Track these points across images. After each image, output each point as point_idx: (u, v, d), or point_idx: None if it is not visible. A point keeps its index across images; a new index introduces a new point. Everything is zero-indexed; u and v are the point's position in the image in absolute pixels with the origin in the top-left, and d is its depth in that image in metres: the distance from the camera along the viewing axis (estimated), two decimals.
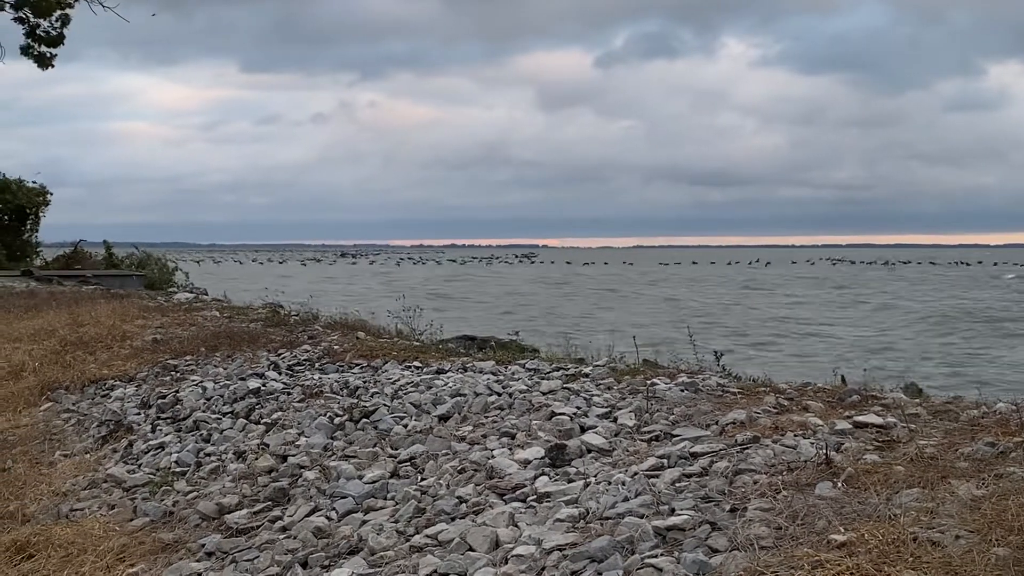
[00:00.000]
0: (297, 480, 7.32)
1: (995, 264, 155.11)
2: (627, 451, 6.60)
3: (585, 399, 7.92)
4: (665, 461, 6.11)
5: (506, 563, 5.13)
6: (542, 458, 6.61)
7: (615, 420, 7.27)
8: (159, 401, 10.54)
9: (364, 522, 6.24)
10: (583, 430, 7.13)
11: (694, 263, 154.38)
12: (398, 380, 9.49)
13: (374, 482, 6.84)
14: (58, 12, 36.76)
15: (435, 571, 5.25)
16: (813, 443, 5.95)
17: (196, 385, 10.84)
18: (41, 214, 42.49)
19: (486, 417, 7.89)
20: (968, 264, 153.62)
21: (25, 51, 37.23)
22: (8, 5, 37.04)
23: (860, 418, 6.42)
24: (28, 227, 42.09)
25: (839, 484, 5.22)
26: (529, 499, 5.99)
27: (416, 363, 10.36)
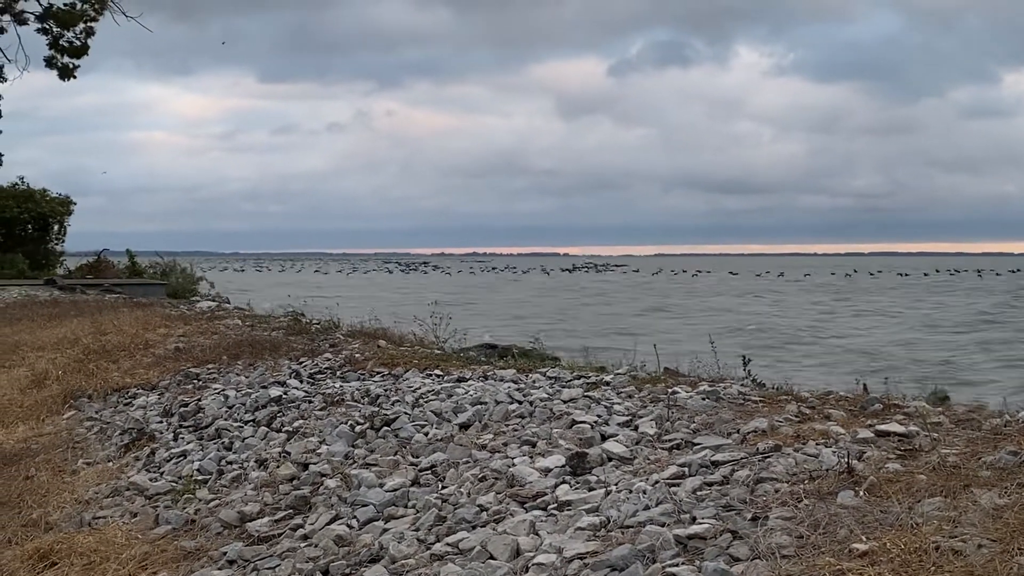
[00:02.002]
0: (318, 488, 7.33)
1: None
2: (648, 459, 6.58)
3: (606, 407, 7.91)
4: (686, 469, 6.10)
5: (527, 572, 5.12)
6: (563, 466, 6.60)
7: (636, 428, 7.26)
8: (181, 409, 10.57)
9: (385, 530, 6.25)
10: (604, 438, 7.12)
11: (835, 273, 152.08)
12: (419, 388, 9.50)
13: (395, 490, 6.85)
14: (83, 24, 37.07)
15: None
16: (835, 452, 5.92)
17: (218, 393, 10.88)
18: (65, 223, 42.80)
19: (507, 425, 7.89)
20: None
21: (49, 62, 37.58)
22: (33, 16, 37.36)
23: (882, 427, 6.39)
24: (52, 236, 42.40)
25: (861, 493, 5.20)
26: (550, 507, 5.98)
27: (437, 371, 10.38)
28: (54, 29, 37.22)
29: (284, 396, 10.03)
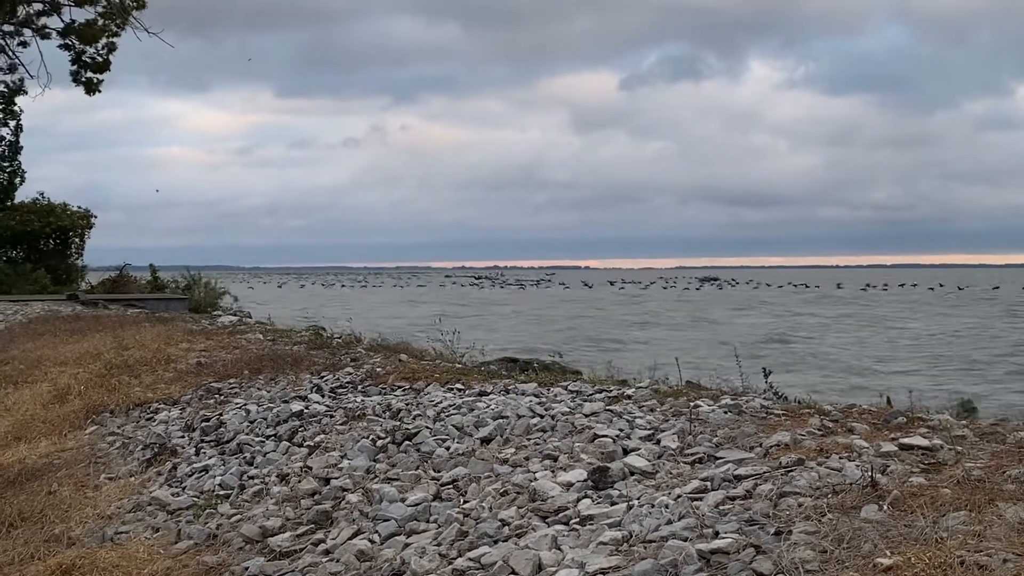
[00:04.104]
0: (340, 503, 7.33)
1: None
2: (670, 473, 6.56)
3: (628, 421, 7.89)
4: (709, 484, 6.07)
5: None
6: (585, 480, 6.58)
7: (658, 442, 7.24)
8: (203, 424, 10.59)
9: (407, 545, 6.23)
10: (626, 452, 7.10)
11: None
12: (440, 402, 9.49)
13: (416, 505, 6.84)
14: (104, 40, 37.41)
15: None
16: (858, 465, 5.89)
17: (239, 408, 10.89)
18: (86, 237, 43.00)
19: (528, 439, 7.88)
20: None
21: (75, 77, 37.94)
22: (55, 32, 37.71)
23: (906, 440, 6.35)
24: (72, 250, 42.60)
25: (885, 507, 5.16)
26: (572, 522, 5.95)
27: (458, 385, 10.36)
28: (76, 45, 37.55)
29: (305, 410, 10.04)
